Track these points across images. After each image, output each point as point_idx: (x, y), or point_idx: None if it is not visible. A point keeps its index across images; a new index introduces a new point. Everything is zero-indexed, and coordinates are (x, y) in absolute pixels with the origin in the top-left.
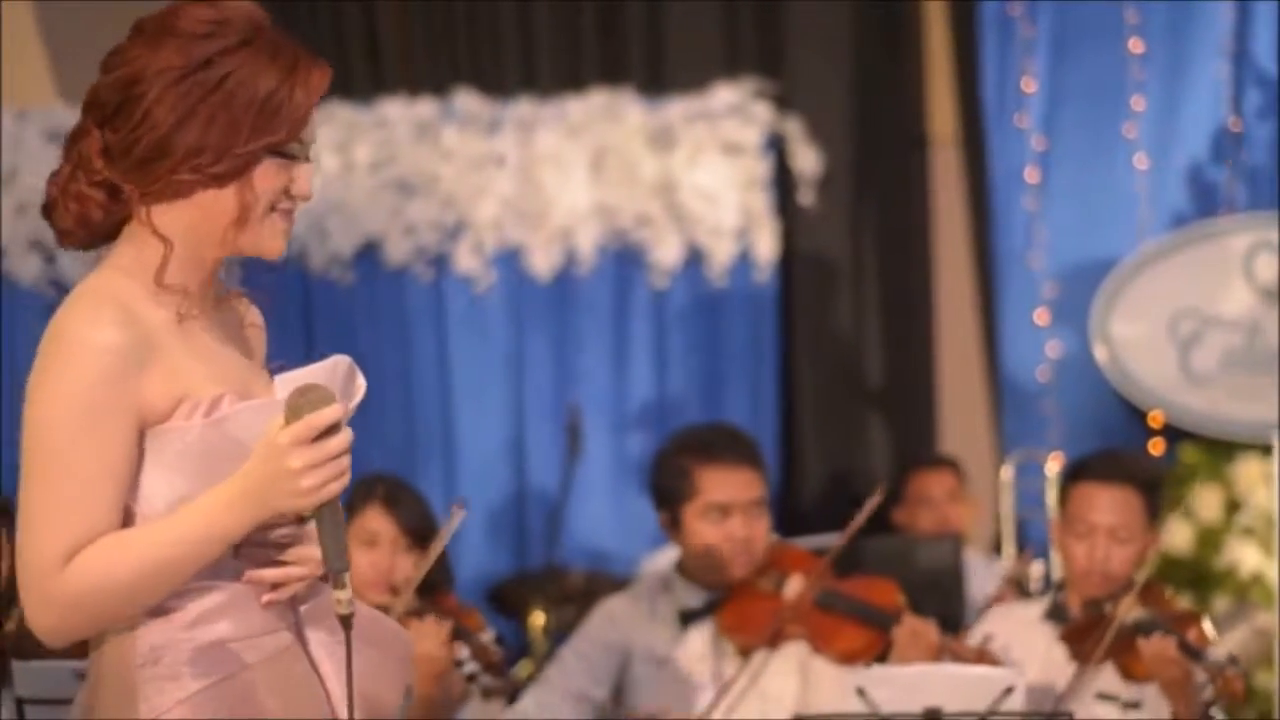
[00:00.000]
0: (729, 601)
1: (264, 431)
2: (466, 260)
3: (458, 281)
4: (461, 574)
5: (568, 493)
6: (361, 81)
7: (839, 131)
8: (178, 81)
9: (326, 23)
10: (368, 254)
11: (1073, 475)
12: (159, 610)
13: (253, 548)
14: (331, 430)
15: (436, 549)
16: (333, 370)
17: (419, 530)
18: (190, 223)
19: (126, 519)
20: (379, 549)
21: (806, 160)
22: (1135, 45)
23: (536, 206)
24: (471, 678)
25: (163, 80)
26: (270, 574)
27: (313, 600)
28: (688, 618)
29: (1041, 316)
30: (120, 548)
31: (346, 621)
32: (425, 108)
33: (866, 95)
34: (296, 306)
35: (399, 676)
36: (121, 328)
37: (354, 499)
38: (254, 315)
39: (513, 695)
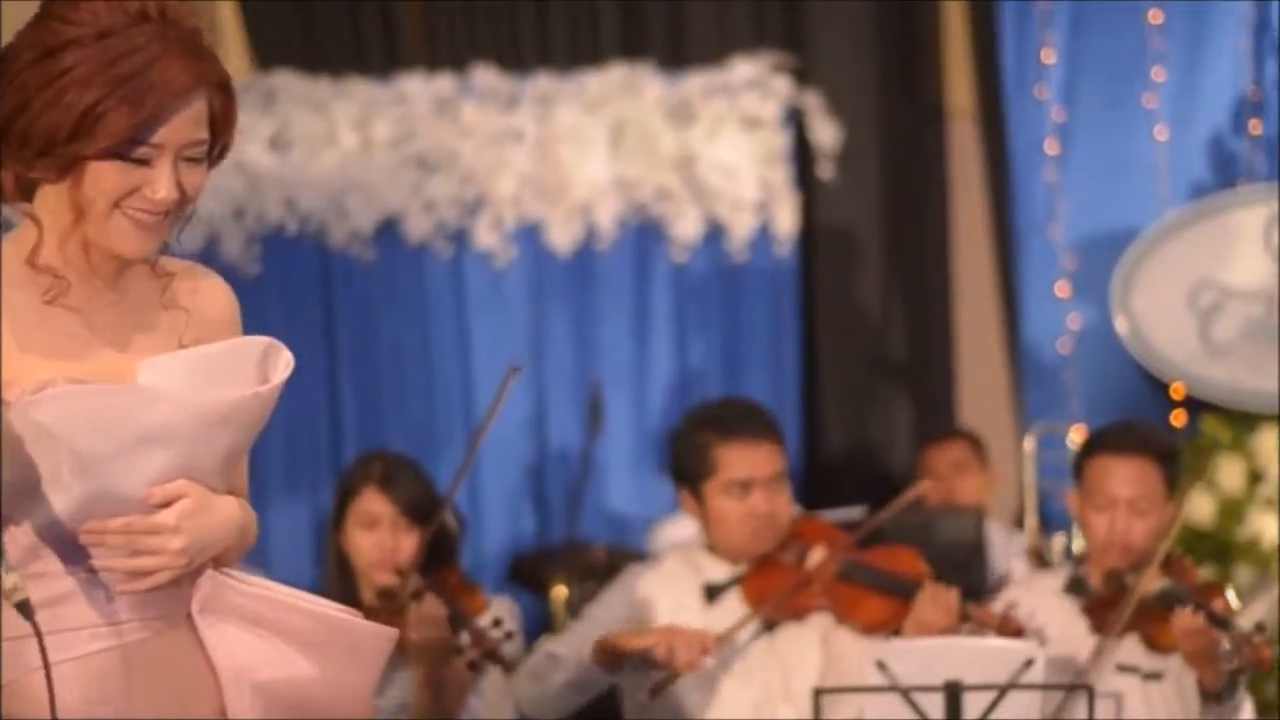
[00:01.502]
0: (753, 574)
1: (75, 419)
2: (486, 236)
3: (478, 257)
4: (483, 548)
5: (589, 467)
6: (380, 58)
7: (858, 105)
8: (27, 66)
9: (345, 0)
10: (387, 230)
11: (1089, 448)
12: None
13: (99, 535)
14: None
15: (490, 417)
16: (234, 351)
17: (419, 507)
18: (53, 208)
19: None
20: (380, 530)
21: (826, 134)
22: (1155, 16)
23: (556, 182)
24: (473, 665)
25: (17, 61)
26: (120, 564)
27: (213, 591)
28: (712, 591)
29: (1062, 289)
30: None
31: (24, 610)
32: (444, 83)
33: (885, 68)
34: (316, 284)
35: (364, 678)
36: None
37: (353, 480)
38: (189, 297)
39: None
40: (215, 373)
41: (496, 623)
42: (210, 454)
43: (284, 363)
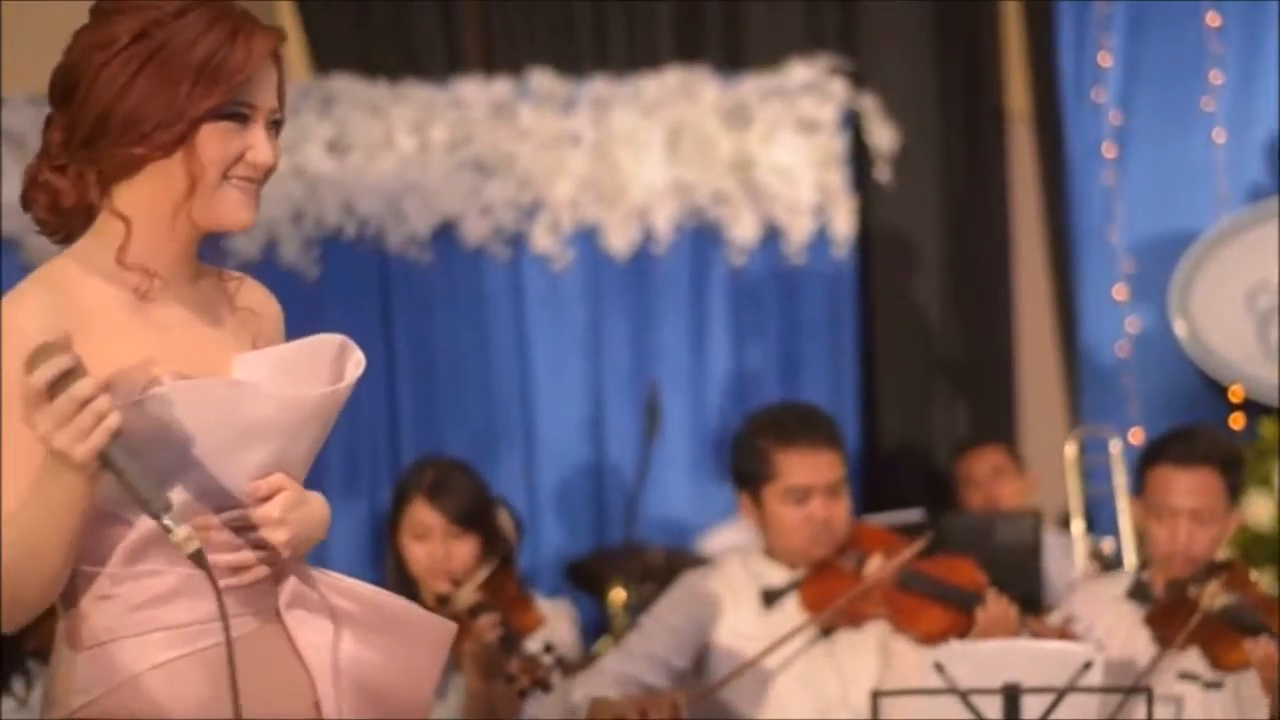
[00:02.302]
0: (810, 580)
1: (184, 414)
2: (543, 239)
3: (535, 261)
4: (540, 551)
5: (646, 470)
6: (438, 62)
7: (915, 107)
8: (115, 55)
9: (406, 5)
10: (445, 234)
11: (1151, 457)
12: (107, 595)
13: (205, 530)
14: (68, 380)
15: None
16: (314, 349)
17: (468, 515)
18: (147, 200)
19: None
20: (431, 540)
21: (883, 137)
22: (1213, 19)
23: (613, 185)
24: (522, 693)
25: (101, 56)
26: (226, 559)
27: (299, 585)
28: (770, 596)
29: (1120, 292)
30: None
31: (199, 559)
32: (501, 87)
33: (943, 71)
34: (374, 287)
35: (427, 667)
36: (38, 311)
37: (404, 489)
38: (255, 299)
39: None
40: (298, 370)
41: (548, 648)
42: (299, 449)
43: (355, 361)
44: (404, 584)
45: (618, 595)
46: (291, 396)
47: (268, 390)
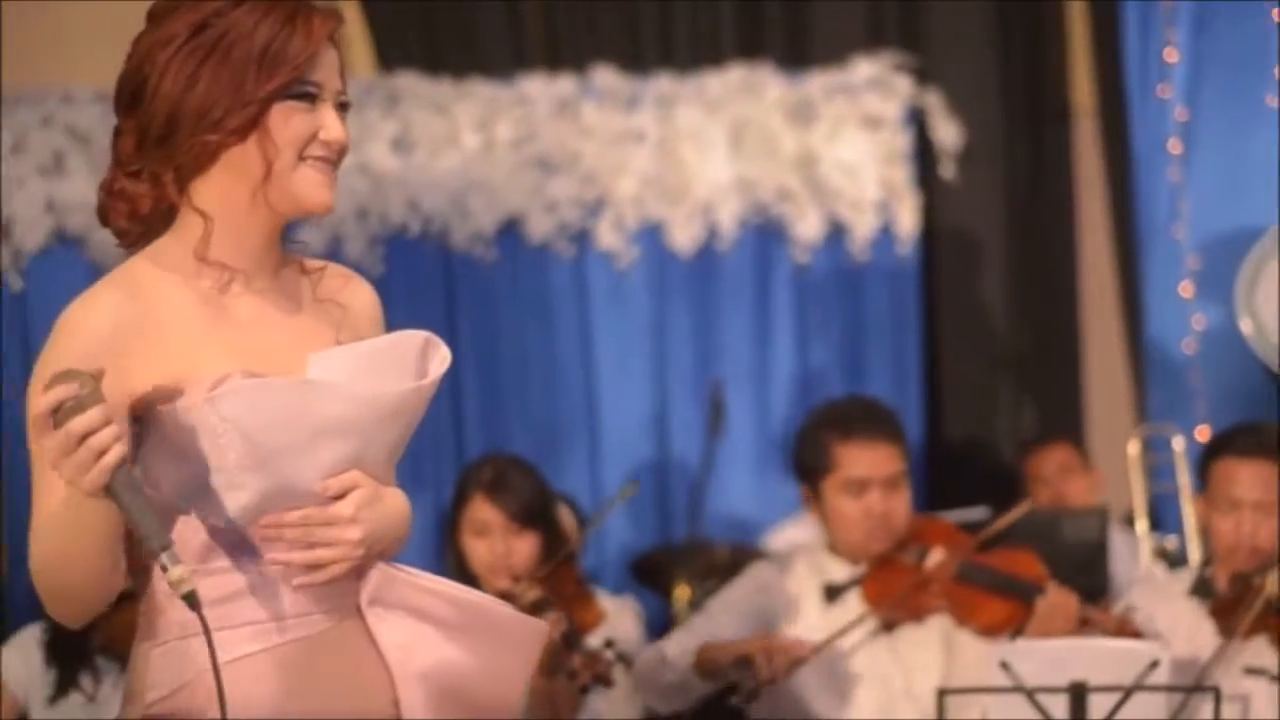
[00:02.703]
0: (872, 575)
1: (255, 413)
2: (608, 237)
3: (599, 258)
4: (605, 547)
5: (710, 466)
6: (502, 59)
7: (980, 104)
8: (178, 50)
9: (470, 2)
10: (509, 231)
11: (1214, 451)
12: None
13: (276, 528)
14: (71, 413)
15: (598, 520)
16: (394, 345)
17: (527, 511)
18: (223, 191)
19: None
20: (491, 536)
21: (947, 133)
22: (1279, 14)
23: (677, 182)
24: (584, 689)
25: (165, 53)
26: (299, 557)
27: (381, 583)
28: (832, 592)
29: (1186, 289)
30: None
31: (190, 600)
32: (565, 85)
33: (1007, 67)
34: (438, 284)
35: (517, 669)
36: (110, 310)
37: (464, 486)
38: (337, 288)
39: None
40: (379, 366)
41: (608, 644)
42: (378, 446)
43: (441, 357)
44: (464, 581)
45: (682, 592)
46: (369, 394)
47: (342, 388)
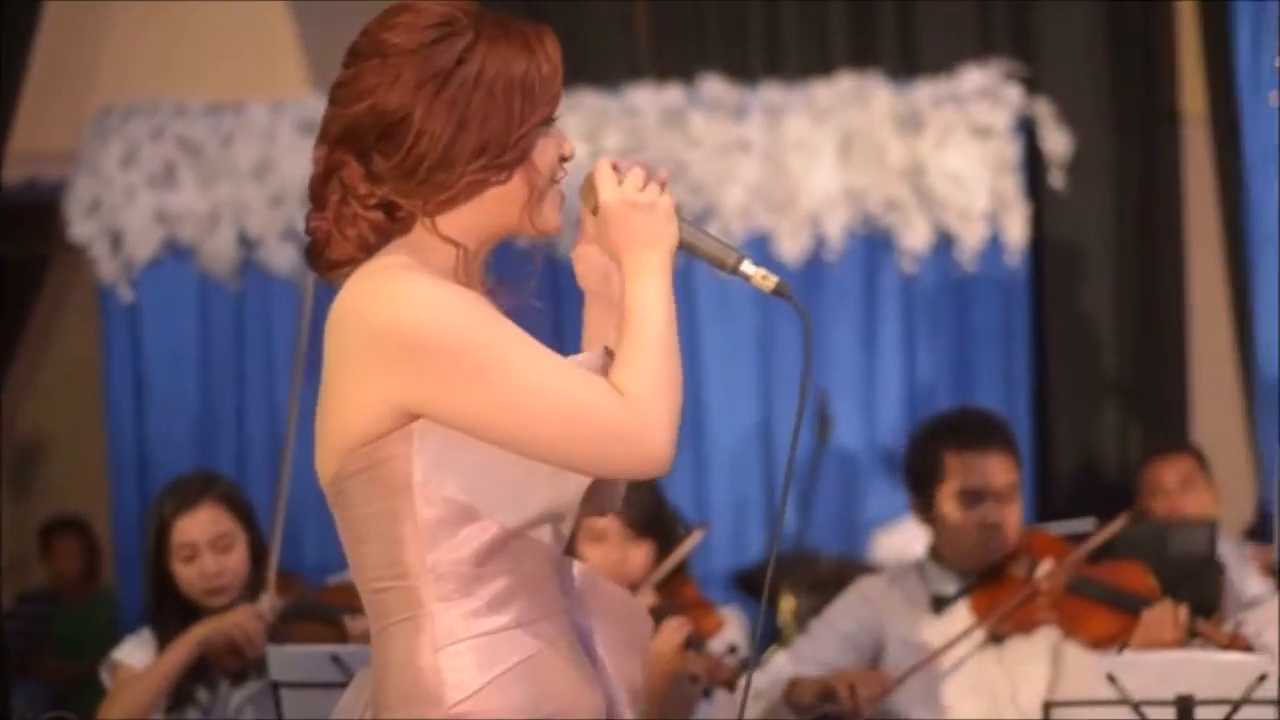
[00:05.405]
0: (981, 586)
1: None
2: None
3: (706, 268)
4: (711, 559)
5: (817, 477)
6: (611, 70)
7: (1089, 113)
8: (440, 90)
9: (577, 13)
10: None
11: None
12: (446, 597)
13: (544, 525)
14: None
15: (674, 559)
16: (599, 360)
17: (644, 520)
18: (467, 222)
19: (435, 506)
20: (608, 543)
21: (1057, 142)
22: None
23: (784, 192)
24: (707, 693)
25: (426, 94)
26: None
27: (574, 581)
28: (941, 602)
29: None
30: (631, 351)
31: (781, 291)
32: (673, 95)
33: (1117, 74)
34: (545, 294)
35: (639, 644)
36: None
37: None
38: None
39: None
40: None
41: (732, 649)
42: None
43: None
44: None
45: (788, 604)
46: None
47: None
